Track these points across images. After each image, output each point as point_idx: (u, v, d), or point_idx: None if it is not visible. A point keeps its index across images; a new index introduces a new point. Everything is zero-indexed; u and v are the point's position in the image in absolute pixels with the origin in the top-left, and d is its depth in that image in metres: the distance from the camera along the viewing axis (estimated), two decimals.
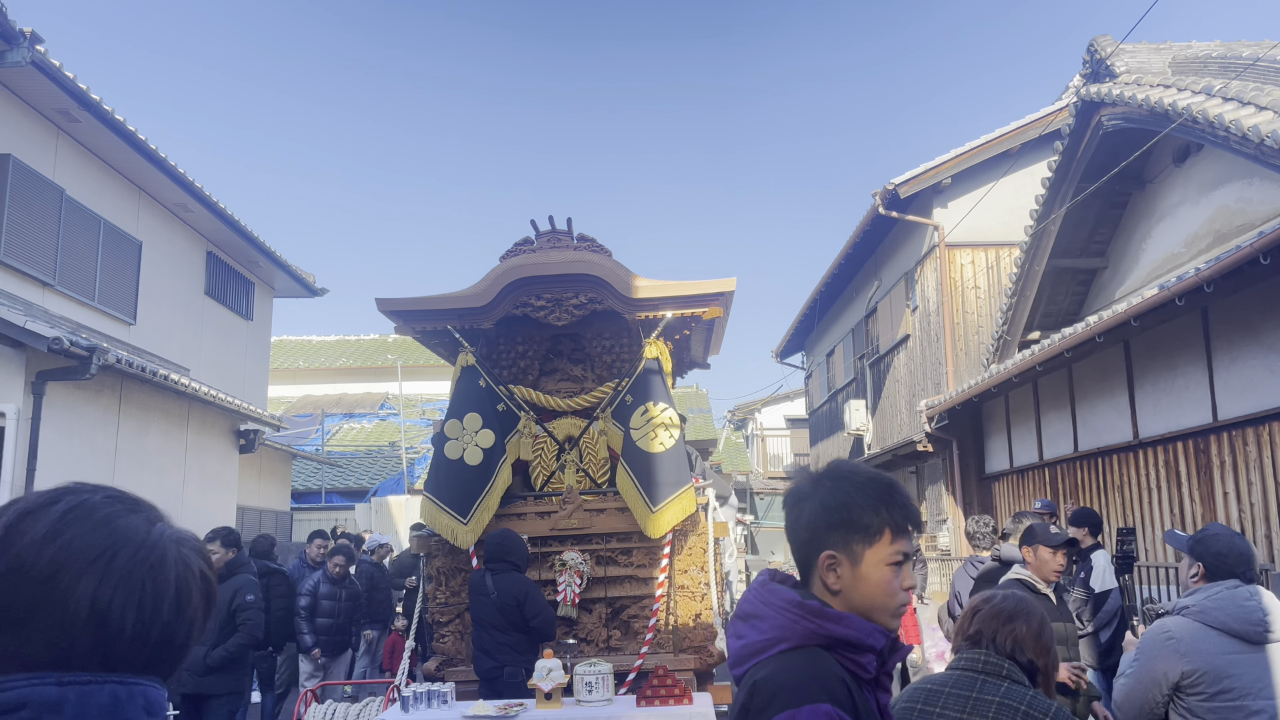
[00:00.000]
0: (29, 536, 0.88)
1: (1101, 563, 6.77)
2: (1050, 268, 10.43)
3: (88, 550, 0.88)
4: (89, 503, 0.92)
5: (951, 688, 2.08)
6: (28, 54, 8.07)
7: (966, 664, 2.14)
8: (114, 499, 0.94)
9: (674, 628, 6.41)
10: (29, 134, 9.33)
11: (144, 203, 11.52)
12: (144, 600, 0.89)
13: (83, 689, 0.85)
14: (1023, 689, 2.06)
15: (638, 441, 6.31)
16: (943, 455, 12.86)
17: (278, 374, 25.17)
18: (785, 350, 23.17)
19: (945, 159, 12.62)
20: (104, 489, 0.96)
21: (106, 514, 0.92)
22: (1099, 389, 9.25)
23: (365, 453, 21.67)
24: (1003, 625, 2.17)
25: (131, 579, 0.89)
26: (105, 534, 0.90)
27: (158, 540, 0.93)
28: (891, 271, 15.07)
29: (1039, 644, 2.16)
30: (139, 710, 0.89)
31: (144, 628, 0.89)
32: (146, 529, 0.93)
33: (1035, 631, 2.17)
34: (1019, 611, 2.20)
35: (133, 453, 9.69)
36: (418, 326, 6.61)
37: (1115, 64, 8.80)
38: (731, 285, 6.46)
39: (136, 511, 0.95)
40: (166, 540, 0.94)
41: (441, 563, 6.60)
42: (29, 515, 0.90)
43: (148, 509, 0.97)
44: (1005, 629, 2.16)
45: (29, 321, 7.46)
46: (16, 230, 9.02)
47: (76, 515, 0.90)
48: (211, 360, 13.09)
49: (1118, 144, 8.81)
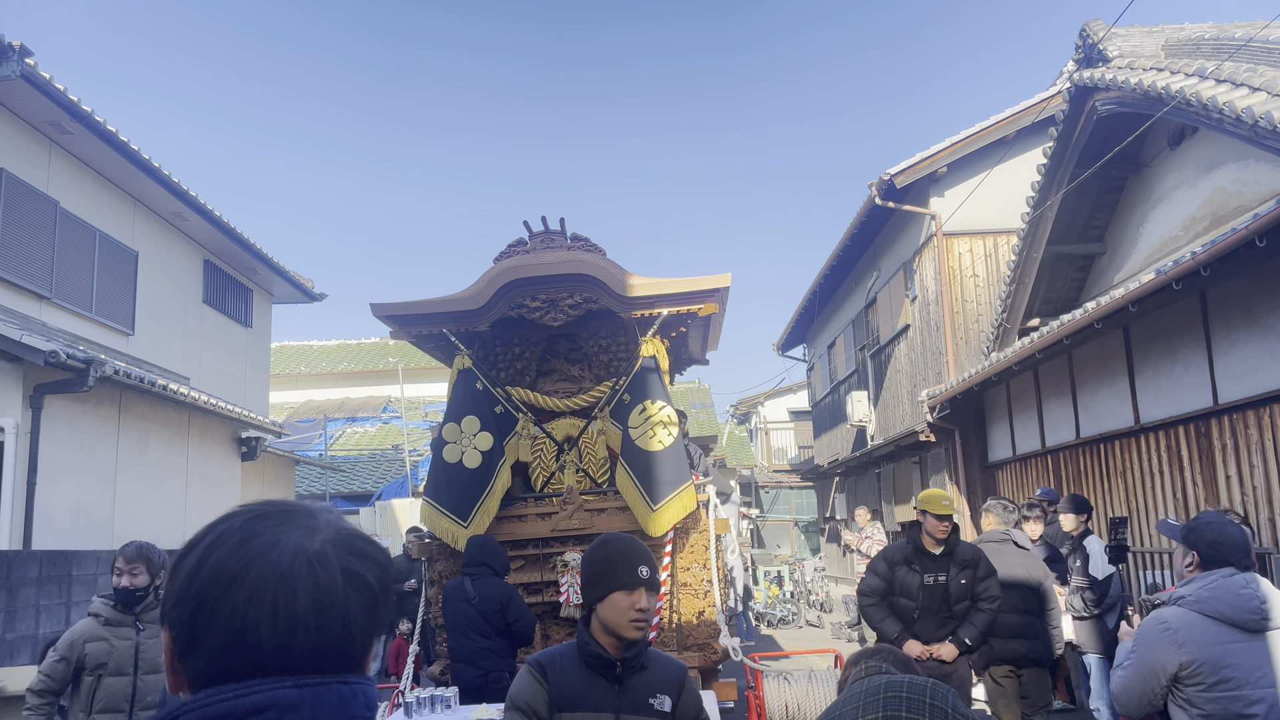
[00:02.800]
0: (186, 568, 0.96)
1: (1095, 548, 6.78)
2: (1048, 254, 10.40)
3: (224, 569, 0.94)
4: (231, 528, 0.98)
5: (849, 699, 2.40)
6: (17, 67, 8.06)
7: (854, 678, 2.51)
8: (258, 517, 0.99)
9: (677, 625, 6.40)
10: (21, 147, 9.32)
11: (139, 213, 11.51)
12: (277, 612, 0.93)
13: (316, 690, 0.92)
14: (898, 675, 2.39)
15: (636, 440, 6.30)
16: (945, 445, 12.84)
17: (280, 380, 25.20)
18: (787, 343, 23.14)
19: (941, 148, 12.58)
20: (256, 509, 1.01)
21: (244, 536, 0.96)
22: (1099, 375, 9.22)
23: (369, 457, 21.68)
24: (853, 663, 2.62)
25: (260, 595, 0.93)
26: (240, 556, 0.95)
27: (285, 551, 0.96)
28: (890, 262, 15.04)
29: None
30: (360, 707, 0.96)
31: (286, 635, 0.93)
32: (275, 541, 0.96)
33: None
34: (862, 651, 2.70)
35: (134, 463, 9.70)
36: (413, 331, 6.60)
37: (1108, 48, 8.76)
38: (726, 281, 6.44)
39: (283, 523, 0.99)
40: (297, 548, 0.97)
41: (443, 566, 6.59)
42: (190, 549, 0.98)
43: (300, 516, 1.00)
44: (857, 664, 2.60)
45: (25, 335, 7.45)
46: (11, 244, 9.01)
47: (219, 542, 0.96)
48: (212, 368, 13.10)
49: (1112, 128, 8.77)
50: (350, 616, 0.97)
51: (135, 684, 4.25)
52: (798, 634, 15.85)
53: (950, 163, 12.62)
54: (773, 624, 17.07)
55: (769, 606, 17.66)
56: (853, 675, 2.54)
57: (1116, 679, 2.69)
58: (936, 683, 2.32)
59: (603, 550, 2.61)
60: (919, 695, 2.24)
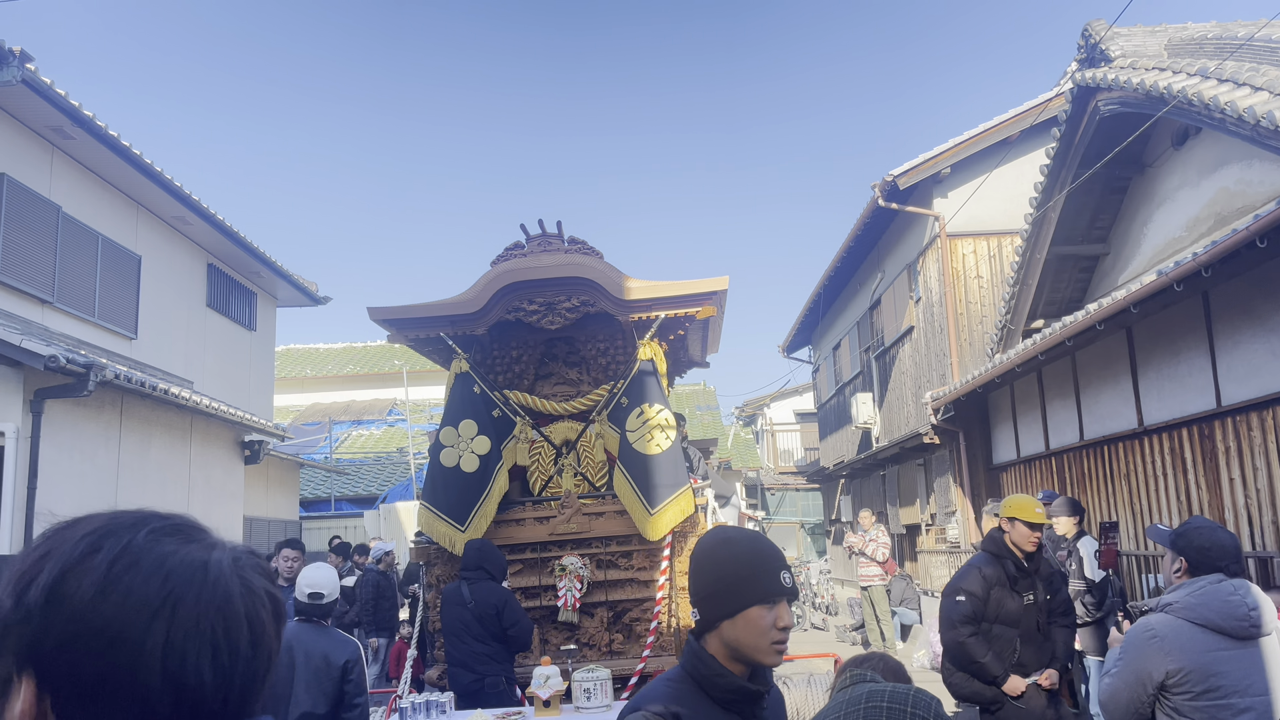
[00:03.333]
0: (78, 598, 0.77)
1: (1090, 550, 6.74)
2: (1052, 255, 10.34)
3: (147, 603, 0.78)
4: (135, 545, 0.81)
5: (831, 709, 2.34)
6: (18, 73, 8.08)
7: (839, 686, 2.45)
8: (159, 533, 0.83)
9: (676, 630, 6.37)
10: (23, 152, 9.35)
11: (142, 217, 11.54)
12: (218, 646, 0.80)
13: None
14: (881, 684, 2.31)
15: (634, 443, 6.28)
16: (950, 447, 12.79)
17: (286, 383, 25.25)
18: (792, 344, 23.10)
19: (944, 149, 12.53)
20: (145, 521, 0.84)
21: (158, 555, 0.81)
22: (1103, 376, 9.17)
23: (374, 459, 21.70)
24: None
25: (200, 627, 0.79)
26: (161, 580, 0.79)
27: (218, 573, 0.83)
28: (894, 263, 14.99)
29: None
30: None
31: (226, 675, 0.80)
32: (203, 562, 0.83)
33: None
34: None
35: (135, 468, 9.71)
36: (410, 334, 6.59)
37: (1110, 48, 8.71)
38: (724, 284, 6.42)
39: (188, 540, 0.84)
40: (226, 569, 0.84)
41: (441, 571, 6.58)
42: (71, 573, 0.78)
43: (197, 533, 0.86)
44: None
45: (25, 340, 7.47)
46: (13, 249, 9.04)
47: (126, 564, 0.79)
48: (215, 372, 13.12)
49: (1115, 129, 8.72)
50: (273, 648, 0.86)
51: None
52: (802, 637, 15.79)
53: (953, 164, 12.57)
54: None
55: None
56: (838, 684, 2.51)
57: (1104, 687, 2.66)
58: (920, 691, 2.29)
59: (728, 551, 1.94)
60: (900, 705, 2.22)
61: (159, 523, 0.85)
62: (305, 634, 4.55)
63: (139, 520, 0.84)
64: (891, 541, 14.04)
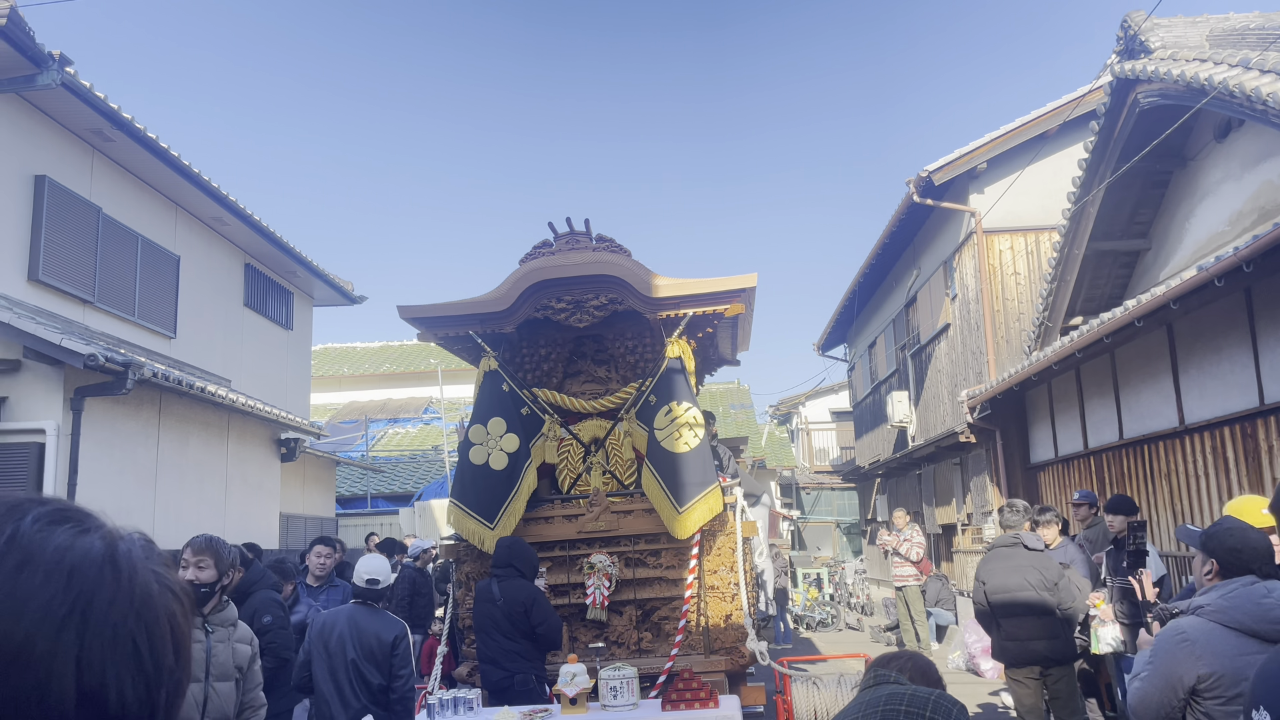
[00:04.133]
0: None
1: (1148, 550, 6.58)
2: (1091, 251, 10.17)
3: (51, 608, 0.63)
4: (22, 537, 0.65)
5: (851, 708, 2.36)
6: (57, 76, 8.22)
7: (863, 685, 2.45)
8: (46, 520, 0.68)
9: (705, 629, 6.34)
10: (64, 154, 9.51)
11: (180, 218, 11.70)
12: (140, 656, 0.67)
13: None
14: (903, 686, 2.31)
15: (662, 442, 6.25)
16: (986, 446, 12.62)
17: (323, 381, 25.53)
18: (827, 342, 22.94)
19: (980, 143, 12.37)
20: (22, 507, 0.69)
21: (55, 549, 0.66)
22: (1142, 374, 8.99)
23: (410, 457, 21.86)
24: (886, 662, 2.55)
25: (119, 635, 0.66)
26: (64, 579, 0.65)
27: (131, 568, 0.69)
28: (930, 260, 14.83)
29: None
30: None
31: (151, 690, 0.67)
32: (110, 555, 0.68)
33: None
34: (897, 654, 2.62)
35: (174, 465, 9.85)
36: (439, 333, 6.62)
37: (1150, 39, 8.54)
38: (753, 281, 6.38)
39: (82, 528, 0.69)
40: (139, 562, 0.70)
41: (470, 568, 6.60)
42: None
43: (87, 518, 0.71)
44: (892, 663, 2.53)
45: (65, 339, 7.59)
46: (55, 249, 9.20)
47: (16, 562, 0.64)
48: (253, 371, 13.28)
49: (1155, 122, 8.55)
50: (191, 653, 0.74)
51: (207, 692, 3.80)
52: (837, 637, 15.68)
53: (990, 159, 12.41)
54: (811, 627, 16.91)
55: (807, 609, 17.50)
56: (863, 682, 2.48)
57: (1133, 691, 2.59)
58: (943, 695, 2.26)
59: None
60: (918, 709, 2.19)
61: (39, 508, 0.70)
62: (361, 615, 5.09)
63: (14, 506, 0.69)
64: (927, 541, 13.89)
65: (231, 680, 3.94)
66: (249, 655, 4.06)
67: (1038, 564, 5.93)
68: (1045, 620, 5.82)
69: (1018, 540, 6.03)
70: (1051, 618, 5.82)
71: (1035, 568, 5.90)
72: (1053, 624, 5.83)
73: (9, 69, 8.19)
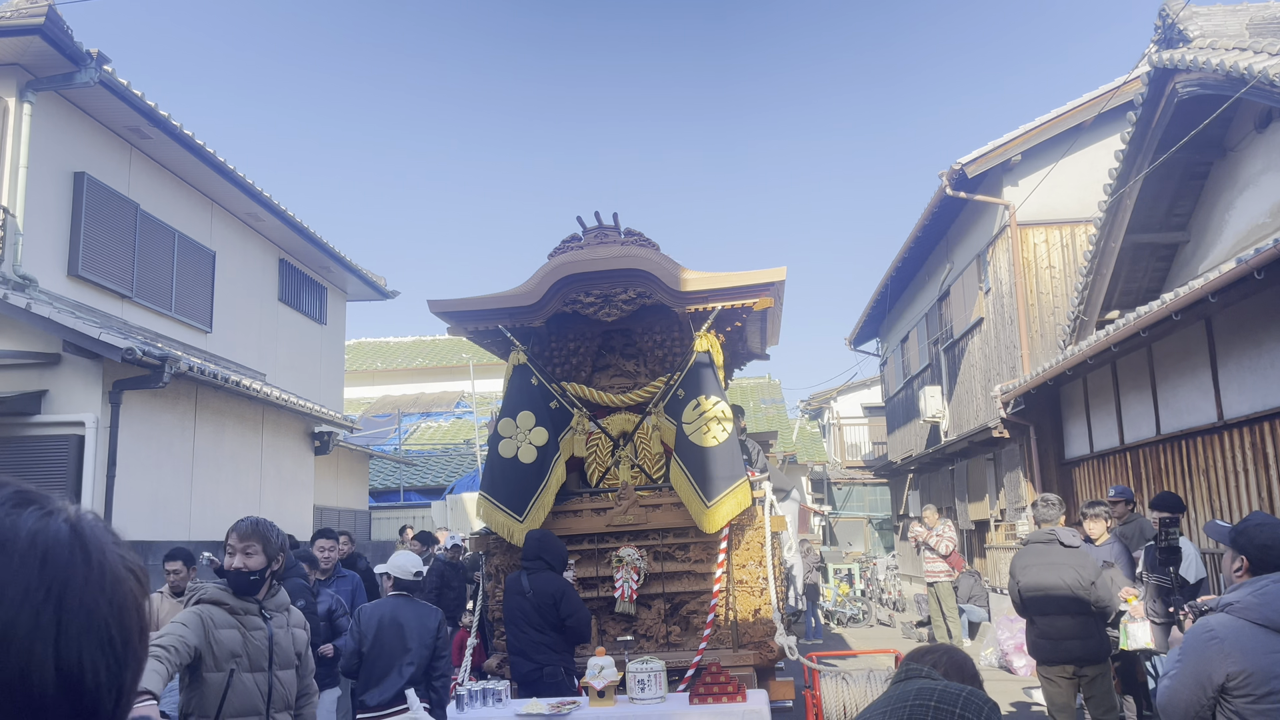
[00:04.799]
0: None
1: (1190, 549, 6.47)
2: (1128, 243, 10.02)
3: (30, 592, 0.64)
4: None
5: (880, 702, 2.32)
6: (95, 74, 8.35)
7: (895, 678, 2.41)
8: (12, 503, 0.68)
9: (733, 623, 6.34)
10: (102, 151, 9.67)
11: (216, 214, 11.85)
12: (113, 638, 0.68)
13: None
14: (934, 682, 2.27)
15: (690, 436, 6.25)
16: (1020, 441, 12.49)
17: (357, 376, 25.77)
18: (859, 337, 22.80)
19: (1014, 135, 12.22)
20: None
21: (28, 532, 0.66)
22: (1180, 369, 8.85)
23: (442, 451, 22.02)
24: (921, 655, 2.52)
25: (94, 619, 0.67)
26: (39, 563, 0.65)
27: (100, 550, 0.69)
28: (963, 253, 14.69)
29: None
30: None
31: (120, 670, 0.68)
32: (78, 538, 0.69)
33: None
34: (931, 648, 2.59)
35: (210, 457, 9.99)
36: (469, 326, 6.66)
37: (1188, 28, 8.39)
38: (781, 275, 6.35)
39: (46, 510, 0.69)
40: (107, 545, 0.70)
41: (499, 561, 6.64)
42: None
43: (46, 499, 0.71)
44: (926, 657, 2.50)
45: (104, 333, 7.72)
46: (94, 245, 9.36)
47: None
48: (287, 364, 13.43)
49: (1194, 112, 8.40)
50: (149, 630, 0.73)
51: (271, 681, 3.66)
52: (868, 633, 15.60)
53: (1024, 151, 12.26)
54: (842, 622, 16.84)
55: (838, 605, 17.43)
56: (895, 676, 2.46)
57: (1162, 689, 2.56)
58: (975, 693, 2.22)
59: None
60: (949, 706, 2.16)
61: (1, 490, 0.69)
62: (403, 605, 5.57)
63: None
64: (959, 537, 13.78)
65: (292, 668, 3.78)
66: (305, 641, 3.92)
67: (1074, 561, 5.84)
68: (1080, 619, 5.74)
69: (1053, 536, 5.94)
70: (1087, 616, 5.74)
71: (1071, 565, 5.81)
72: (1088, 623, 5.75)
73: (48, 67, 8.33)
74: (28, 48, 8.01)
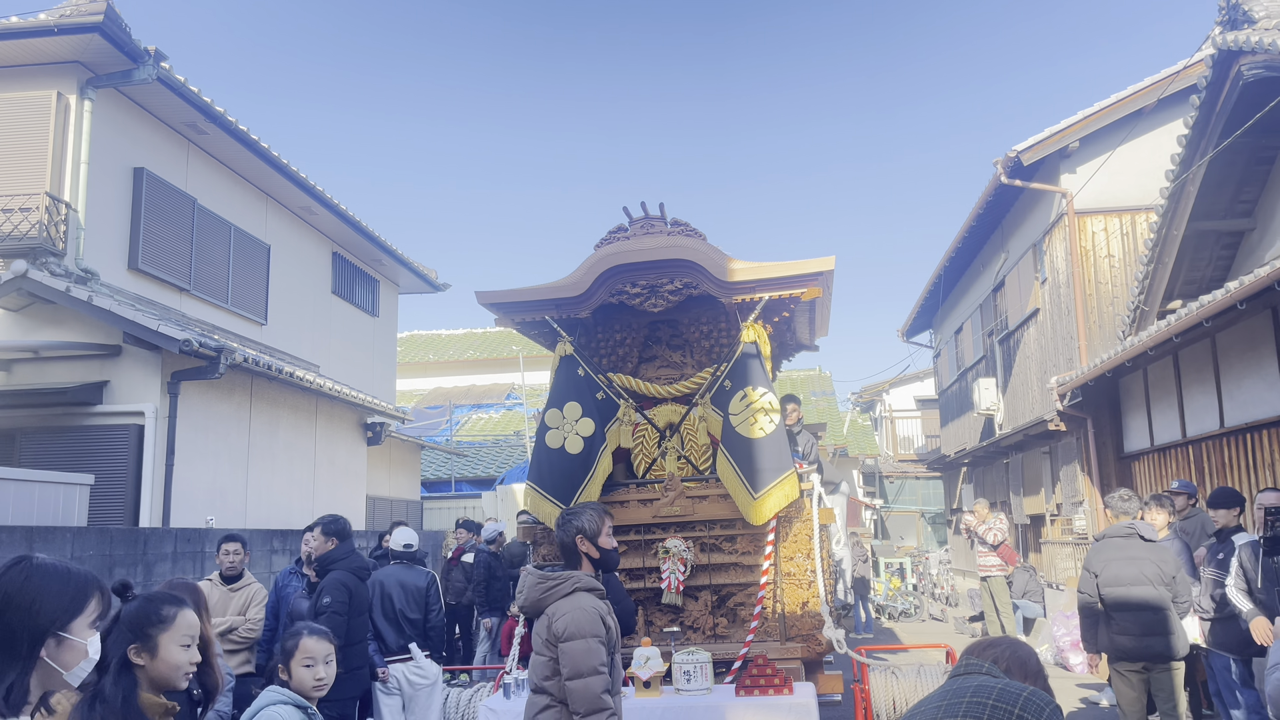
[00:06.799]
0: None
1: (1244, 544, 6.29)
2: (1191, 231, 9.74)
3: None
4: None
5: (935, 696, 2.24)
6: (153, 71, 8.53)
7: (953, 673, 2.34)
8: None
9: (781, 616, 6.28)
10: (160, 147, 9.87)
11: (271, 208, 12.05)
12: None
13: None
14: (994, 679, 2.19)
15: (737, 427, 6.20)
16: (1077, 434, 12.23)
17: (410, 368, 26.08)
18: (912, 328, 22.50)
19: (1072, 121, 11.94)
20: None
21: None
22: (1245, 360, 8.59)
23: (493, 442, 22.20)
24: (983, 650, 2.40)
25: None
26: None
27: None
28: (1018, 242, 14.41)
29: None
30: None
31: None
32: None
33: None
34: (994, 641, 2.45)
35: (264, 447, 10.18)
36: (516, 318, 6.67)
37: (1254, 9, 8.11)
38: (830, 264, 6.26)
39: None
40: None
41: (547, 550, 6.66)
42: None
43: None
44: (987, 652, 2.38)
45: (162, 325, 7.89)
46: (153, 239, 9.57)
47: None
48: (340, 356, 13.63)
49: (1260, 95, 8.13)
50: None
51: None
52: (919, 628, 15.42)
53: (1082, 137, 11.97)
54: (893, 617, 16.67)
55: (889, 599, 17.24)
56: (953, 670, 2.39)
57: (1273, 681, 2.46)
58: (1036, 693, 2.11)
59: None
60: (1008, 705, 2.07)
61: None
62: (400, 571, 6.98)
63: None
64: (1013, 533, 13.54)
65: None
66: None
67: (1154, 556, 5.68)
68: (1160, 615, 5.58)
69: (1133, 530, 5.77)
70: (1166, 613, 5.59)
71: (1152, 560, 5.65)
72: (1167, 619, 5.59)
73: (107, 65, 8.52)
74: (87, 45, 8.20)
